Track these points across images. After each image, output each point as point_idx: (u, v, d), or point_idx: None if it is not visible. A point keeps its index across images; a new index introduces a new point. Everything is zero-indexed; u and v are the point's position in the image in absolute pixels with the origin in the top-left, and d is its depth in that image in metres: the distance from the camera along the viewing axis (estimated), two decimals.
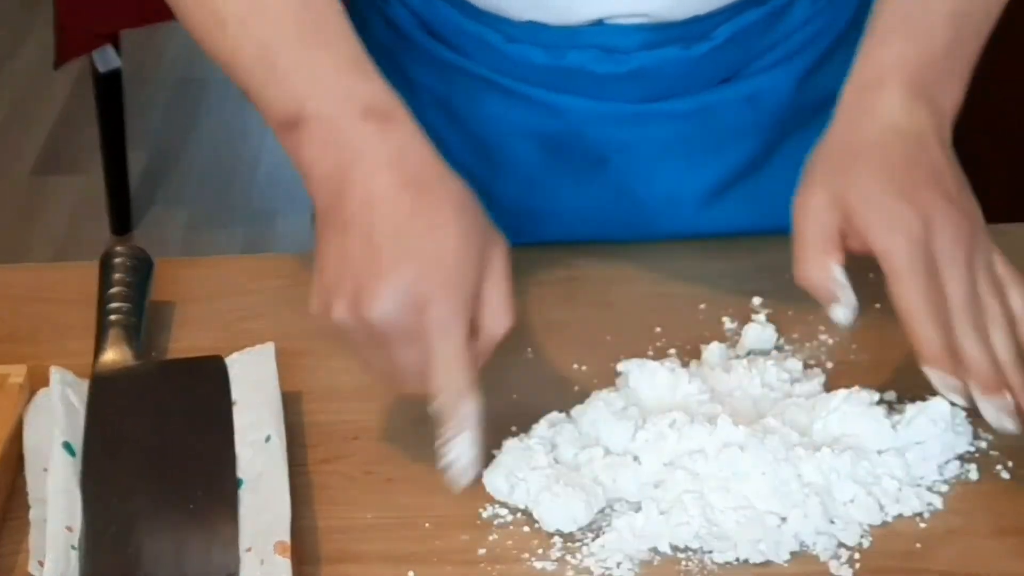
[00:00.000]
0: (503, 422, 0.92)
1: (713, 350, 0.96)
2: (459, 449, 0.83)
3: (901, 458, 0.87)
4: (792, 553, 0.82)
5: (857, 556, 0.83)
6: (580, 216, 0.89)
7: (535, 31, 1.04)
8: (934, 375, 0.85)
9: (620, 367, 0.93)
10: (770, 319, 1.00)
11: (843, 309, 0.87)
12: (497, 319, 0.84)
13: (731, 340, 0.99)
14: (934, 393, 0.94)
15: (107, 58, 2.48)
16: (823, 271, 0.86)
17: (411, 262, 0.82)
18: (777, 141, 1.11)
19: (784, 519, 0.83)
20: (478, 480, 0.86)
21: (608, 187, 1.07)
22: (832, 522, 0.84)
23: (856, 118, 0.92)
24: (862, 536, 0.83)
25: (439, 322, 0.82)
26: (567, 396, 0.93)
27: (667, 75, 1.05)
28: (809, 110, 1.08)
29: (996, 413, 0.85)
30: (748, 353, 0.98)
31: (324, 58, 0.89)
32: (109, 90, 2.73)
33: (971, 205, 0.90)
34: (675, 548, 0.82)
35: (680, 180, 1.10)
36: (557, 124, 1.06)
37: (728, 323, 1.00)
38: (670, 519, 0.83)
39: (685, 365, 0.94)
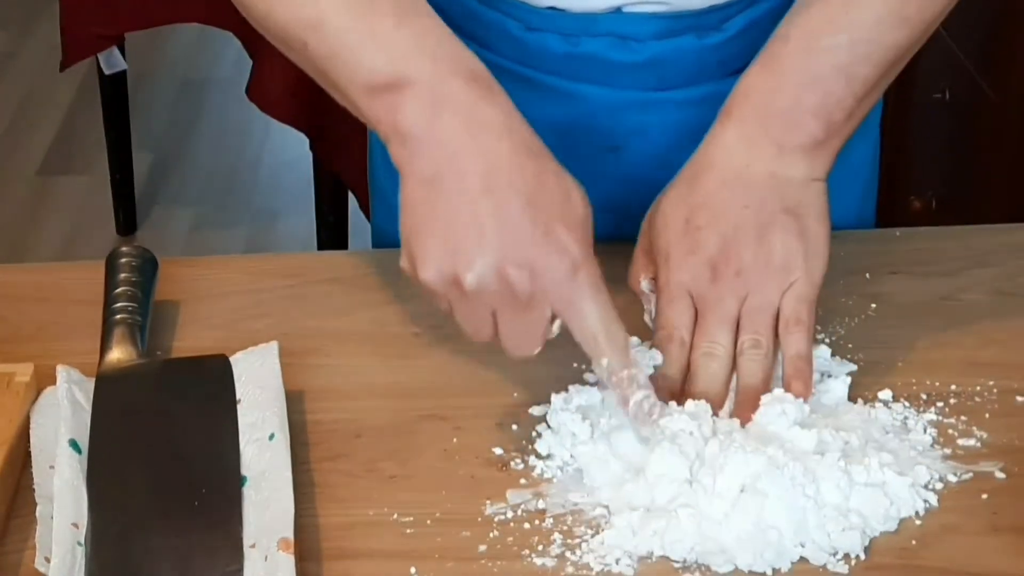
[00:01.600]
0: (503, 422, 0.93)
1: None
2: (643, 402, 0.86)
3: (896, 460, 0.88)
4: (792, 563, 0.83)
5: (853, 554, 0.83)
6: (595, 204, 0.90)
7: (554, 18, 1.05)
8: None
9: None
10: None
11: (648, 315, 0.96)
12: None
13: None
14: (931, 392, 0.95)
15: (112, 60, 2.48)
16: (636, 283, 0.96)
17: (557, 227, 0.84)
18: None
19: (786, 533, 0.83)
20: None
21: (622, 174, 1.08)
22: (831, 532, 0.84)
23: (704, 145, 0.97)
24: (865, 545, 0.84)
25: (592, 282, 0.86)
26: None
27: (681, 64, 1.06)
28: None
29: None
30: None
31: (425, 25, 0.89)
32: (114, 91, 2.73)
33: (768, 248, 0.92)
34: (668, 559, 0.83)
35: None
36: (573, 112, 1.07)
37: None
38: (664, 537, 0.83)
39: None
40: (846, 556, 0.83)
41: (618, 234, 0.96)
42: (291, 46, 0.92)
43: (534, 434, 0.91)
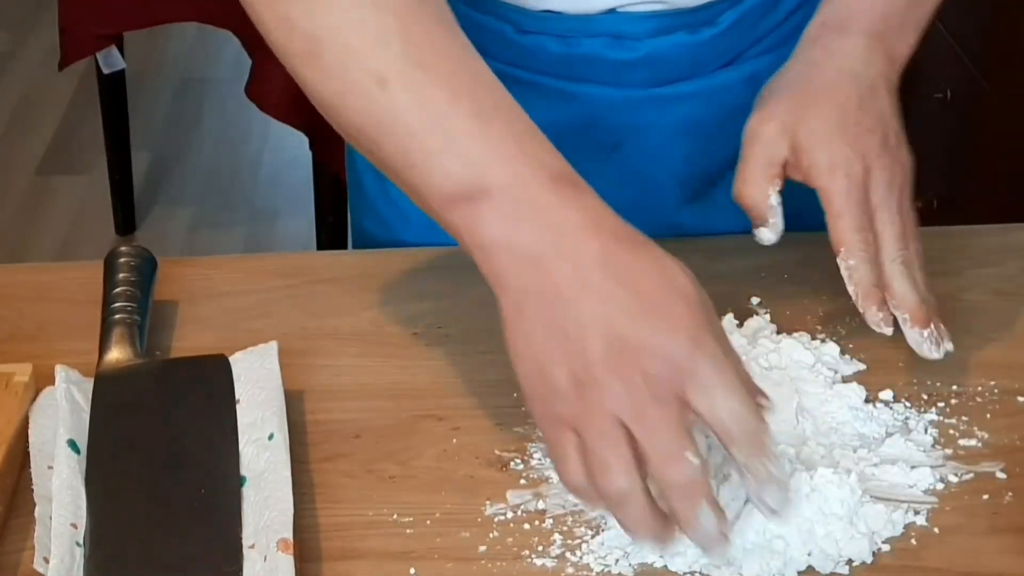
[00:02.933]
0: (503, 422, 0.93)
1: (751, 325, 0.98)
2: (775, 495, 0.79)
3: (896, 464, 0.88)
4: (799, 572, 0.82)
5: None
6: None
7: (549, 21, 1.05)
8: (867, 311, 0.92)
9: None
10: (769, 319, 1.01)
11: (769, 232, 0.95)
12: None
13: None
14: (932, 393, 0.95)
15: (111, 59, 2.49)
16: (762, 194, 0.94)
17: (665, 309, 0.78)
18: None
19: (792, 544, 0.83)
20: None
21: (623, 172, 1.09)
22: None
23: (816, 57, 0.98)
24: (873, 551, 0.83)
25: (714, 359, 0.77)
26: None
27: (675, 60, 1.08)
28: None
29: (920, 342, 0.93)
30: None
31: (503, 127, 0.82)
32: (113, 91, 2.74)
33: (906, 154, 0.96)
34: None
35: (691, 159, 1.12)
36: (571, 112, 1.08)
37: (727, 323, 1.01)
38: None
39: None
40: (849, 559, 0.83)
41: None
42: (361, 145, 0.86)
43: (538, 434, 0.91)
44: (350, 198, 1.24)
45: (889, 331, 0.93)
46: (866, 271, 0.92)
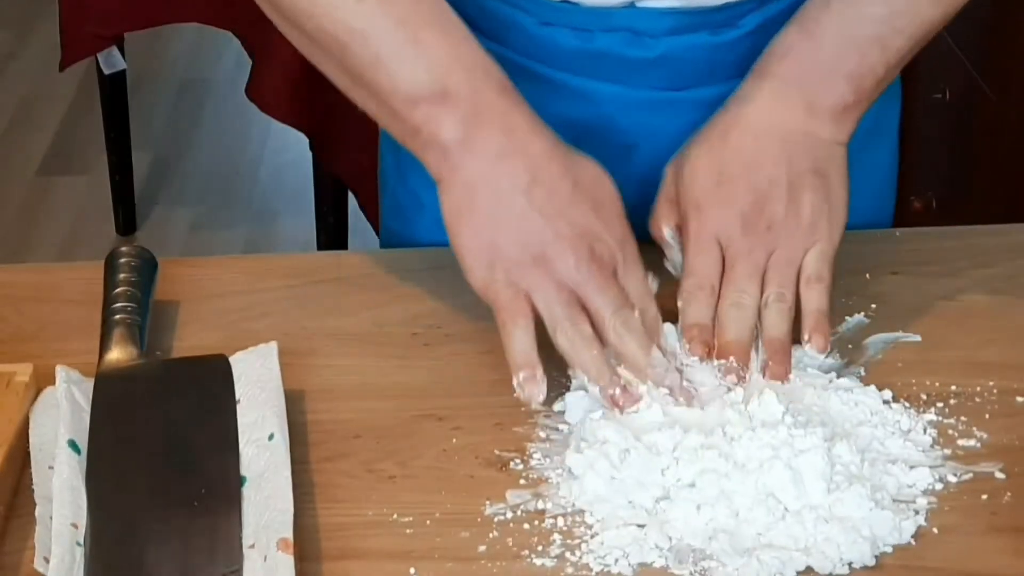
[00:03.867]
0: (503, 422, 0.93)
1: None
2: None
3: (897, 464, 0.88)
4: (797, 572, 0.82)
5: None
6: None
7: (568, 13, 1.05)
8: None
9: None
10: None
11: (668, 264, 0.99)
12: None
13: None
14: (931, 393, 0.95)
15: (112, 60, 2.48)
16: (658, 229, 1.00)
17: (601, 206, 0.92)
18: None
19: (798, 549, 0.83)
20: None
21: (634, 174, 1.08)
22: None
23: (735, 100, 1.00)
24: (875, 555, 0.83)
25: (635, 256, 0.93)
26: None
27: (694, 62, 1.07)
28: None
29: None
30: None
31: (460, 37, 0.94)
32: (114, 91, 2.73)
33: (807, 198, 0.97)
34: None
35: None
36: (586, 110, 1.08)
37: None
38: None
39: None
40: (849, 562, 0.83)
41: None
42: (329, 50, 0.95)
43: (542, 433, 0.92)
44: (381, 202, 1.24)
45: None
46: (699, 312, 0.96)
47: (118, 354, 0.95)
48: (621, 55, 1.06)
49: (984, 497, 0.87)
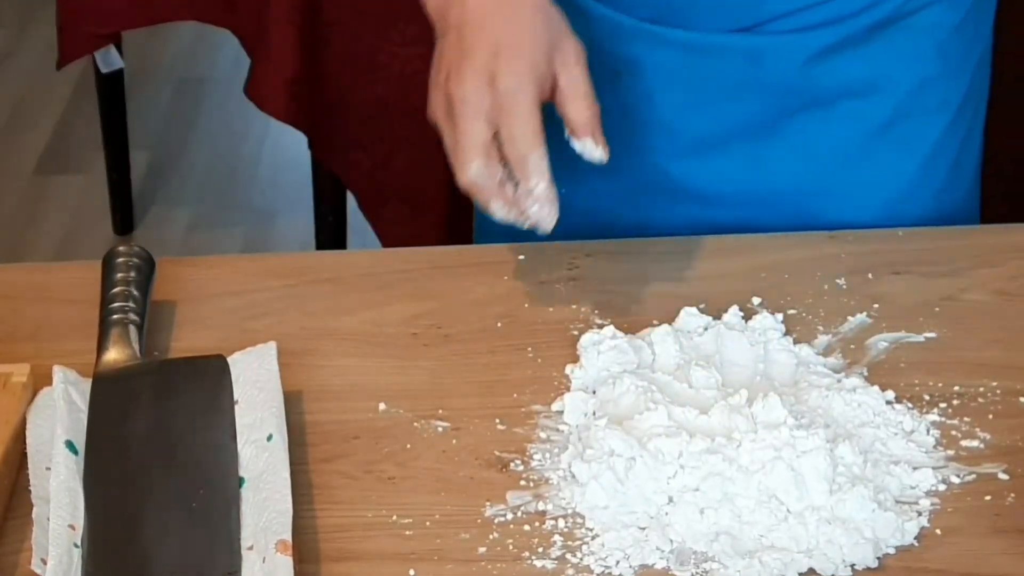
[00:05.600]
0: (503, 422, 0.93)
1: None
2: (541, 196, 0.93)
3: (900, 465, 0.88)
4: (799, 573, 0.82)
5: None
6: None
7: None
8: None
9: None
10: None
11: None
12: (577, 105, 0.96)
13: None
14: (933, 394, 0.95)
15: (110, 58, 2.48)
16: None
17: (488, 46, 0.95)
18: (781, 116, 1.12)
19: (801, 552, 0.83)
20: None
21: (619, 105, 1.09)
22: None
23: None
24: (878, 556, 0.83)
25: (508, 90, 0.94)
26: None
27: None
28: (822, 93, 1.10)
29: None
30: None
31: None
32: (111, 90, 2.73)
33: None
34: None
35: (679, 114, 1.13)
36: (583, 32, 1.07)
37: (732, 317, 1.00)
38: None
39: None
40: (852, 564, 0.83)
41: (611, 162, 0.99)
42: None
43: (542, 434, 0.91)
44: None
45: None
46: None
47: (115, 354, 0.94)
48: None
49: (987, 498, 0.87)
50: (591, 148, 0.96)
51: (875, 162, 1.12)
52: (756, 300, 1.03)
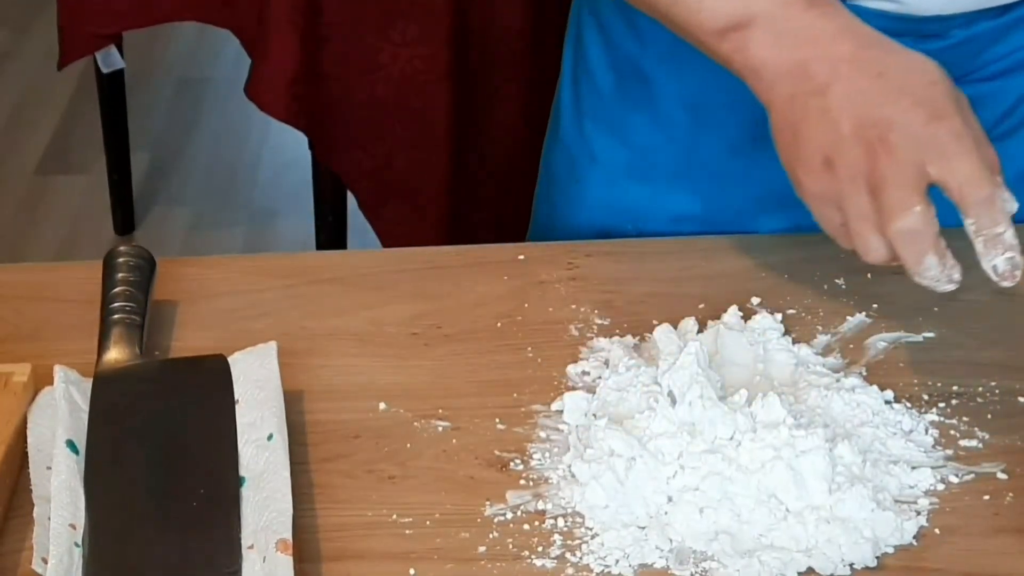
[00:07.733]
0: (503, 422, 0.93)
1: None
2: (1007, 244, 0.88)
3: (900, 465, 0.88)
4: (799, 573, 0.82)
5: None
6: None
7: None
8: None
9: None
10: None
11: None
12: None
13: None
14: (932, 393, 0.95)
15: (110, 59, 2.48)
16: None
17: (910, 89, 0.88)
18: None
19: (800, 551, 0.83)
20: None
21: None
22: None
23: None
24: (877, 556, 0.83)
25: (958, 137, 0.87)
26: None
27: None
28: None
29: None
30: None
31: None
32: (112, 90, 2.73)
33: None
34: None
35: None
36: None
37: (732, 316, 1.01)
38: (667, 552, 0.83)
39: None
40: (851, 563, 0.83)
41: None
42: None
43: (542, 434, 0.91)
44: (539, 190, 1.26)
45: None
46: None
47: (116, 354, 0.94)
48: None
49: (986, 498, 0.87)
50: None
51: None
52: (755, 300, 1.03)
